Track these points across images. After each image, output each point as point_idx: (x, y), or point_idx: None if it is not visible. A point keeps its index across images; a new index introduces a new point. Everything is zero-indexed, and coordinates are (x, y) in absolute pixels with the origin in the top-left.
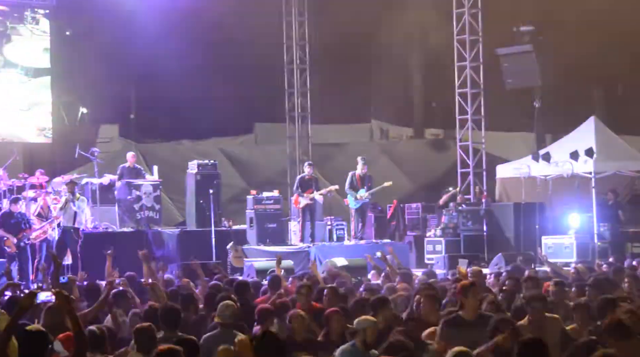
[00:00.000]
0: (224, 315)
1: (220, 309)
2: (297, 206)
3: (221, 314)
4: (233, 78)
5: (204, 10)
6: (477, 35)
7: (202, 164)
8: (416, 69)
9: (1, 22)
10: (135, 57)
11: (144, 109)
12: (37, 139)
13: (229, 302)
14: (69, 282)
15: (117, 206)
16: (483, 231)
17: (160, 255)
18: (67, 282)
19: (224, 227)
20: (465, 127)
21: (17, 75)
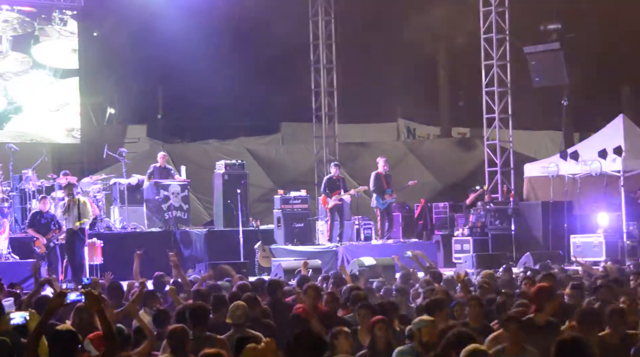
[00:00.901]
0: (235, 315)
1: (231, 309)
2: (326, 207)
3: (232, 315)
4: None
5: (231, 11)
6: (504, 34)
7: (229, 164)
8: (443, 68)
9: (29, 23)
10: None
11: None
12: (66, 139)
13: (239, 303)
14: (93, 283)
15: (145, 206)
16: (511, 230)
17: (188, 255)
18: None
19: (252, 227)
20: (493, 126)
21: (46, 76)
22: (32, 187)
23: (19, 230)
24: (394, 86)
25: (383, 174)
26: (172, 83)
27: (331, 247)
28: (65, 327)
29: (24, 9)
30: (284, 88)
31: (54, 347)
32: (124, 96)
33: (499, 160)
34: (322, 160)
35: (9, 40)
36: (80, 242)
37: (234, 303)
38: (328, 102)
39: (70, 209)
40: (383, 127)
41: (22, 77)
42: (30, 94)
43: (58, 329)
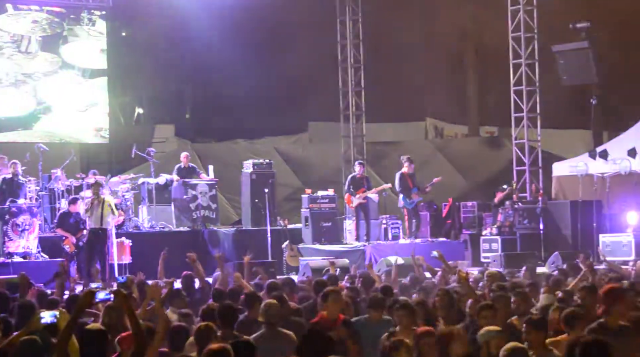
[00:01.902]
0: (267, 314)
1: (263, 308)
2: (351, 206)
3: (264, 313)
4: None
5: (259, 10)
6: (532, 32)
7: (257, 163)
8: (471, 67)
9: (58, 24)
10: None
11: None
12: (94, 139)
13: (271, 301)
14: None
15: (173, 206)
16: (539, 229)
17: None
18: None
19: (279, 226)
20: (521, 125)
21: (74, 76)
22: (61, 186)
23: (48, 229)
24: (421, 85)
25: (408, 173)
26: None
27: (359, 247)
28: (95, 326)
29: (53, 9)
30: (312, 87)
31: (84, 346)
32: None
33: (527, 160)
34: (350, 160)
35: (38, 40)
36: (101, 242)
37: (266, 302)
38: (356, 102)
39: (94, 208)
40: (411, 126)
41: (51, 78)
42: (59, 94)
43: (88, 329)
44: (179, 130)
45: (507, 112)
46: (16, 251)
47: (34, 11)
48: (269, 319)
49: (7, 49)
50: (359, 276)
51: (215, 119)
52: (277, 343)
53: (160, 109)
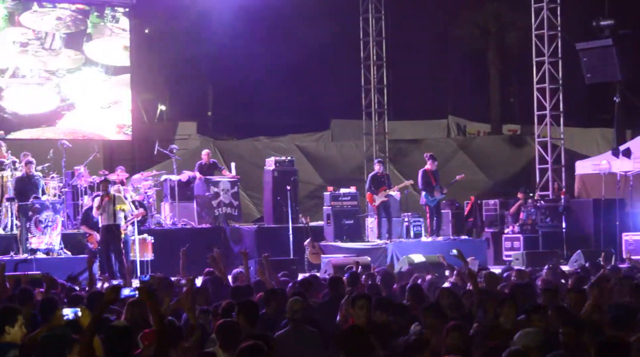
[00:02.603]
0: (293, 311)
1: (290, 305)
2: (372, 204)
3: (291, 310)
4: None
5: (282, 9)
6: (555, 30)
7: (279, 161)
8: (494, 65)
9: (82, 21)
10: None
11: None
12: (117, 136)
13: (298, 298)
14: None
15: (195, 203)
16: (562, 228)
17: (238, 251)
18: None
19: (301, 223)
20: (544, 123)
21: (98, 73)
22: (84, 183)
23: (71, 226)
24: (444, 83)
25: (431, 171)
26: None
27: (381, 244)
28: (120, 323)
29: (77, 6)
30: (334, 85)
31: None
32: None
33: (550, 158)
34: (372, 157)
35: (62, 37)
36: (116, 239)
37: (292, 298)
38: (378, 99)
39: (105, 206)
40: (433, 124)
41: (74, 75)
42: (82, 91)
43: (114, 325)
44: (201, 128)
45: (530, 110)
46: (39, 247)
47: (58, 8)
48: (294, 316)
49: (32, 46)
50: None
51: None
52: (302, 340)
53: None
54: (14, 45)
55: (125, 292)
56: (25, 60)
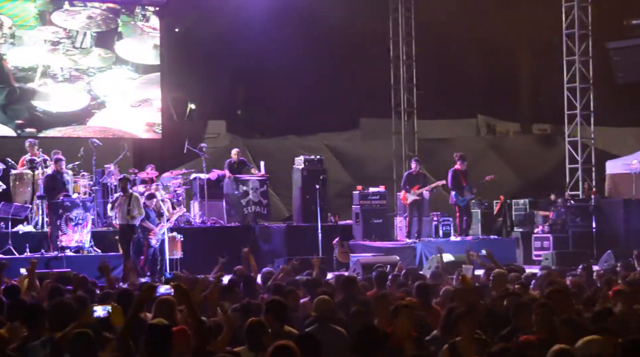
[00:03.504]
0: (320, 309)
1: (317, 303)
2: (405, 203)
3: (318, 308)
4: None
5: (310, 6)
6: (586, 29)
7: (308, 160)
8: (524, 64)
9: (113, 19)
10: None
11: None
12: (147, 134)
13: (324, 297)
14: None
15: (225, 201)
16: (592, 228)
17: (267, 250)
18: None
19: (330, 222)
20: (574, 123)
21: (128, 72)
22: (114, 181)
23: (101, 224)
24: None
25: (461, 171)
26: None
27: (410, 243)
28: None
29: (108, 5)
30: (364, 84)
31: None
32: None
33: (580, 157)
34: (401, 156)
35: (93, 36)
36: (126, 239)
37: (319, 297)
38: (407, 98)
39: (121, 204)
40: (463, 123)
41: (105, 73)
42: (112, 89)
43: (153, 323)
44: (230, 126)
45: (560, 109)
46: (69, 245)
47: (89, 7)
48: (321, 315)
49: (62, 44)
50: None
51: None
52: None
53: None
54: (45, 44)
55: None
56: (56, 59)
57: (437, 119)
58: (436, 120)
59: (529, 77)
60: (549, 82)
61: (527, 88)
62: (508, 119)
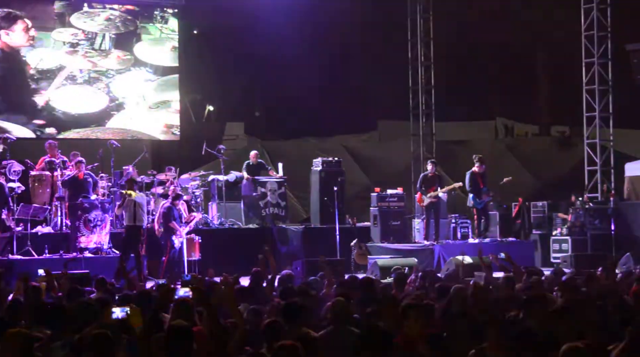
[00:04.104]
0: (335, 311)
1: (333, 304)
2: (421, 204)
3: (332, 311)
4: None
5: (328, 9)
6: (605, 31)
7: (326, 161)
8: (542, 66)
9: (132, 21)
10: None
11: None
12: (165, 136)
13: (340, 299)
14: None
15: (243, 203)
16: (611, 230)
17: (285, 252)
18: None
19: (348, 224)
20: (593, 125)
21: (146, 73)
22: None
23: (119, 225)
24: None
25: (479, 173)
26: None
27: (428, 246)
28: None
29: (127, 7)
30: (382, 86)
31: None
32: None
33: (599, 160)
34: (419, 158)
35: (112, 38)
36: (136, 240)
37: (336, 298)
38: (425, 100)
39: (126, 206)
40: (481, 125)
41: (123, 75)
42: (131, 91)
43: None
44: (248, 128)
45: (579, 111)
46: (88, 246)
47: (107, 9)
48: (337, 317)
49: (81, 46)
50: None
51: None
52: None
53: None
54: (64, 46)
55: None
56: (75, 60)
57: (456, 121)
58: (454, 122)
59: (547, 79)
60: (568, 84)
61: (546, 90)
62: (526, 121)
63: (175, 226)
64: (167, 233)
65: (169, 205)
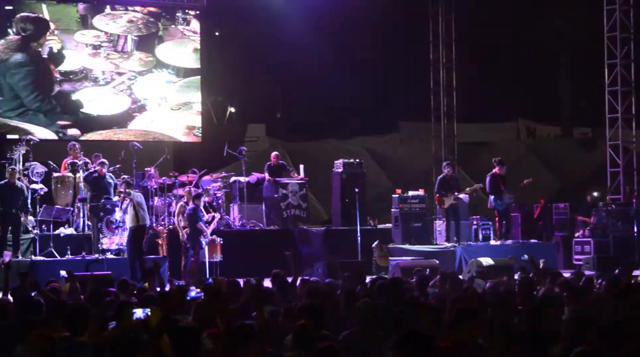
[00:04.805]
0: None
1: (358, 307)
2: (441, 207)
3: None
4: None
5: (350, 10)
6: (628, 32)
7: (347, 163)
8: (564, 67)
9: (154, 23)
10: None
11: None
12: (187, 138)
13: (366, 300)
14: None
15: (264, 204)
16: (633, 232)
17: (306, 253)
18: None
19: (369, 225)
20: (615, 126)
21: (168, 75)
22: (154, 184)
23: None
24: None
25: (499, 175)
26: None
27: (449, 247)
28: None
29: (149, 9)
30: (403, 87)
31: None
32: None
33: (621, 161)
34: (441, 160)
35: (134, 40)
36: (137, 241)
37: (363, 300)
38: (447, 101)
39: (126, 208)
40: (503, 127)
41: (145, 77)
42: (153, 93)
43: (180, 326)
44: (270, 130)
45: (601, 113)
46: (110, 248)
47: (130, 11)
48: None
49: (104, 48)
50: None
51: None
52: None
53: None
54: (87, 48)
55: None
56: (98, 62)
57: (477, 123)
58: (476, 123)
59: (570, 80)
60: (590, 85)
61: (568, 91)
62: (549, 122)
63: (202, 227)
64: (195, 234)
65: (193, 206)
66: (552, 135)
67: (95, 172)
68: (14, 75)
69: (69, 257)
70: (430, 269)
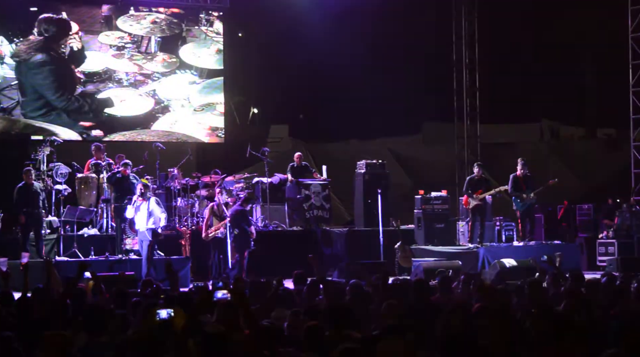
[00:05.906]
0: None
1: (385, 308)
2: (467, 207)
3: (386, 313)
4: (402, 77)
5: (373, 10)
6: None
7: (370, 164)
8: (588, 67)
9: (177, 24)
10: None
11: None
12: (210, 139)
13: (393, 302)
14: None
15: (287, 205)
16: None
17: (329, 254)
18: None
19: (392, 226)
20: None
21: (192, 76)
22: (177, 185)
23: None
24: (537, 86)
25: (521, 177)
26: (315, 83)
27: (472, 248)
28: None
29: (172, 10)
30: (426, 88)
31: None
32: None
33: None
34: (464, 161)
35: (157, 41)
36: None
37: (388, 302)
38: (470, 102)
39: (141, 210)
40: (526, 128)
41: (169, 78)
42: (176, 94)
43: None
44: (293, 130)
45: (626, 113)
46: (133, 248)
47: (153, 12)
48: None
49: (127, 49)
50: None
51: (329, 119)
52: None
53: (275, 109)
54: (111, 49)
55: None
56: (121, 63)
57: (501, 124)
58: (499, 124)
59: (594, 80)
60: (615, 85)
61: (592, 92)
62: (572, 123)
63: (252, 230)
64: (245, 235)
65: (241, 208)
66: (576, 136)
67: (118, 173)
68: (36, 75)
69: (93, 258)
70: (453, 270)
